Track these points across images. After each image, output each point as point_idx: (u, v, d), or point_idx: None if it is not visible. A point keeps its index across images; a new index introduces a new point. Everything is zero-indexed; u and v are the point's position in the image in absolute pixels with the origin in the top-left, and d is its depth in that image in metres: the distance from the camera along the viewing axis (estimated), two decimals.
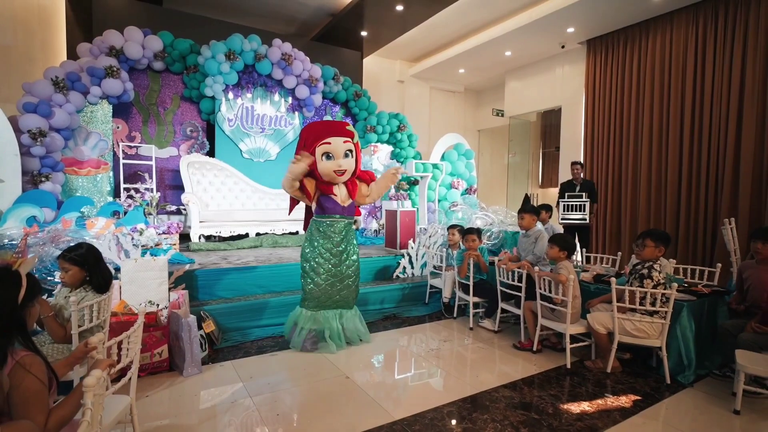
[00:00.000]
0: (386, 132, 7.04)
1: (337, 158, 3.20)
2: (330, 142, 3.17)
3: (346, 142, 3.23)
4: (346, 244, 3.37)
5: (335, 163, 3.19)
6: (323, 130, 3.23)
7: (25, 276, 1.39)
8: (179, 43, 5.70)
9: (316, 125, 3.32)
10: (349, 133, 3.28)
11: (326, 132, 3.21)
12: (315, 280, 3.29)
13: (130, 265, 3.22)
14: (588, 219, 5.39)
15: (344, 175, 3.26)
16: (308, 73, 6.27)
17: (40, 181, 4.46)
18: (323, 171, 3.21)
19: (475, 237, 3.90)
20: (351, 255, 3.41)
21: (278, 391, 2.61)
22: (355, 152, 3.33)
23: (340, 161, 3.21)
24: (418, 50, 8.82)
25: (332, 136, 3.18)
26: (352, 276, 3.43)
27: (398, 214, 5.10)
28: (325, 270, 3.29)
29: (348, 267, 3.39)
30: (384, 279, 4.77)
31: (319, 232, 3.31)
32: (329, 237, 3.30)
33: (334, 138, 3.18)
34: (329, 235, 3.30)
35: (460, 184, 7.03)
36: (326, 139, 3.17)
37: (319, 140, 3.17)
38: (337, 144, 3.18)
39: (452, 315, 4.18)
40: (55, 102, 4.56)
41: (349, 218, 3.39)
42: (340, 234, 3.33)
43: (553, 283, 3.02)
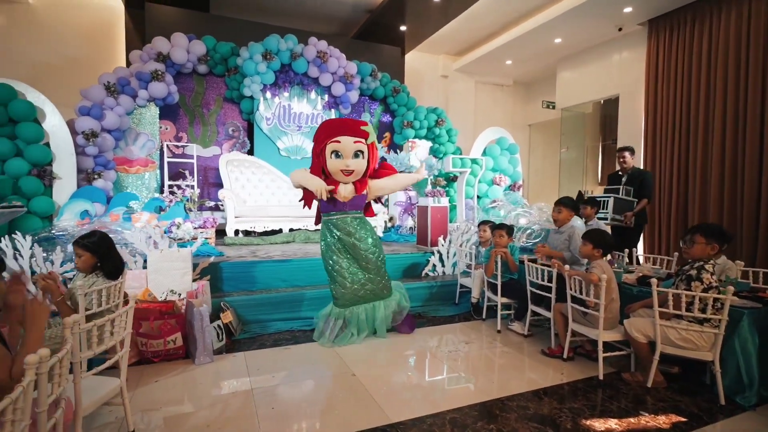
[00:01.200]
0: (423, 127, 6.85)
1: (345, 158, 3.15)
2: (340, 141, 3.12)
3: (357, 142, 3.17)
4: (358, 237, 3.29)
5: (343, 163, 3.14)
6: (336, 128, 3.19)
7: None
8: (221, 47, 5.95)
9: (331, 123, 3.27)
10: (362, 134, 3.21)
11: (338, 130, 3.16)
12: (337, 279, 3.27)
13: (156, 255, 3.36)
14: (614, 218, 4.40)
15: (352, 175, 3.21)
16: (344, 70, 6.27)
17: (93, 178, 4.83)
18: (331, 169, 3.19)
19: (503, 233, 3.62)
20: (366, 246, 3.33)
21: (280, 384, 2.56)
22: (367, 153, 3.25)
23: (348, 161, 3.16)
24: (462, 43, 8.53)
25: (343, 135, 3.14)
26: (373, 266, 3.35)
27: (429, 210, 4.92)
28: (346, 266, 3.26)
29: (366, 258, 3.32)
30: (412, 277, 4.61)
31: (329, 229, 3.29)
32: (338, 234, 3.27)
33: (345, 137, 3.14)
34: (336, 231, 3.27)
35: (503, 180, 6.66)
36: (337, 137, 3.12)
37: (330, 138, 3.14)
38: (346, 143, 3.13)
39: (481, 316, 3.93)
40: (106, 105, 4.93)
41: (356, 212, 3.32)
42: (348, 229, 3.27)
43: (585, 283, 2.70)
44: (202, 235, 4.77)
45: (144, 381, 2.58)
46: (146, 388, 2.49)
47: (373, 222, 5.94)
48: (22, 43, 6.34)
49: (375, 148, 3.34)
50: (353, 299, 3.28)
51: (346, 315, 3.27)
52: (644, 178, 4.66)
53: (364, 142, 3.20)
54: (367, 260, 3.32)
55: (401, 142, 7.03)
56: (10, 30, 6.35)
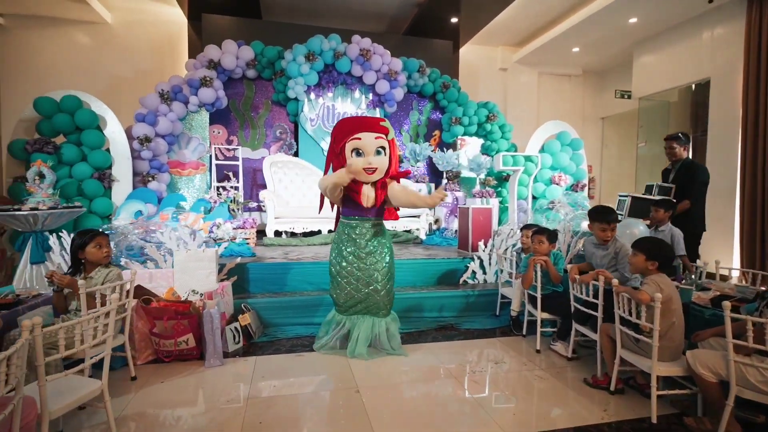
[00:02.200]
0: (473, 123, 6.41)
1: (367, 155, 2.92)
2: (360, 138, 2.90)
3: (378, 138, 2.94)
4: (374, 247, 3.06)
5: (365, 160, 2.90)
6: (354, 125, 2.97)
7: None
8: (268, 51, 6.07)
9: (348, 121, 3.06)
10: (382, 129, 2.98)
11: (357, 127, 2.94)
12: (340, 283, 3.08)
13: (182, 255, 3.42)
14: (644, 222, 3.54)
15: (375, 173, 2.95)
16: (388, 67, 6.08)
17: (148, 180, 5.15)
18: (354, 166, 2.94)
19: (543, 239, 3.16)
20: (380, 259, 3.08)
21: (278, 395, 2.42)
22: (389, 150, 3.01)
23: (371, 158, 2.92)
24: (521, 32, 7.90)
25: (363, 132, 2.91)
26: (380, 281, 3.07)
27: (470, 212, 4.53)
28: (348, 273, 3.05)
29: (376, 271, 3.06)
30: (449, 284, 4.26)
31: (345, 233, 3.08)
32: (354, 239, 3.04)
33: (365, 133, 2.91)
34: (354, 237, 3.05)
35: (563, 179, 6.01)
36: (357, 134, 2.90)
37: (349, 136, 2.92)
38: (367, 140, 2.90)
39: (521, 332, 3.48)
40: (160, 112, 5.24)
41: (375, 219, 3.09)
42: (366, 236, 3.04)
43: (636, 303, 2.21)
44: (242, 235, 4.86)
45: (151, 381, 2.59)
46: (150, 388, 2.49)
47: (416, 224, 5.66)
48: (102, 59, 7.02)
49: (395, 145, 3.09)
50: (352, 305, 3.08)
51: (346, 322, 3.09)
52: (694, 172, 3.79)
53: (385, 138, 2.98)
54: (376, 270, 3.07)
55: (450, 140, 6.66)
56: (93, 47, 7.07)
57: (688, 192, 3.77)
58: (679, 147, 3.91)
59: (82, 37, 7.06)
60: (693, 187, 3.77)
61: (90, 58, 7.03)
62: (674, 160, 3.97)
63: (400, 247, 5.06)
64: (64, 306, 2.41)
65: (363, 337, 3.01)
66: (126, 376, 2.60)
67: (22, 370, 1.52)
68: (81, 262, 2.46)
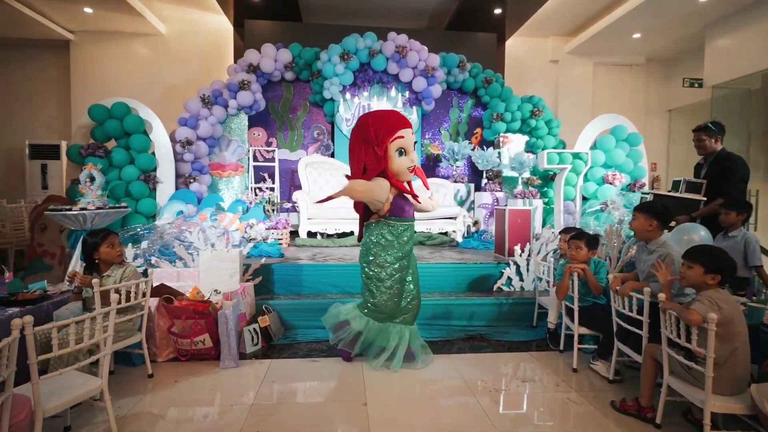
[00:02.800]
0: (517, 119, 6.02)
1: (409, 153, 2.77)
2: (404, 136, 2.72)
3: (413, 133, 2.85)
4: (411, 251, 2.98)
5: (409, 159, 2.77)
6: (395, 121, 2.76)
7: None
8: (305, 52, 6.11)
9: (385, 115, 2.82)
10: (409, 124, 2.85)
11: (398, 123, 2.74)
12: (381, 289, 2.83)
13: (207, 255, 3.47)
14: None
15: (414, 171, 2.85)
16: (425, 64, 5.87)
17: (189, 182, 5.36)
18: (398, 169, 2.75)
19: (581, 244, 2.82)
20: (414, 263, 3.01)
21: (283, 403, 2.33)
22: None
23: (413, 156, 2.80)
24: (574, 20, 7.33)
25: (404, 128, 2.74)
26: (414, 286, 2.98)
27: (506, 214, 4.21)
28: (394, 281, 2.85)
29: (412, 275, 2.98)
30: (481, 291, 3.98)
31: (393, 236, 2.83)
32: (400, 243, 2.84)
33: (406, 130, 2.74)
34: (401, 241, 2.85)
35: (618, 177, 5.45)
36: (400, 131, 2.71)
37: (392, 133, 2.70)
38: (408, 137, 2.76)
39: (558, 347, 3.15)
40: (201, 116, 5.43)
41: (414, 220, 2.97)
42: (410, 241, 2.91)
43: (684, 323, 1.86)
44: (274, 235, 4.90)
45: (166, 380, 2.62)
46: (162, 387, 2.51)
47: (452, 226, 5.41)
48: (157, 68, 7.48)
49: None
50: (391, 313, 2.89)
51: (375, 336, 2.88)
52: (728, 165, 3.23)
53: (413, 131, 2.88)
54: (412, 274, 2.99)
55: (491, 137, 6.32)
56: (149, 58, 7.55)
57: (723, 188, 3.21)
58: (708, 139, 3.37)
59: (140, 48, 7.56)
60: (728, 182, 3.22)
61: (147, 68, 7.51)
62: (706, 154, 3.44)
63: (432, 250, 4.85)
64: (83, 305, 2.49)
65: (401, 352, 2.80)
66: (144, 373, 2.64)
67: (11, 368, 1.54)
68: (95, 261, 2.53)
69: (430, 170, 6.63)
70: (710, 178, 3.33)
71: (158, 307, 2.91)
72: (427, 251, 4.74)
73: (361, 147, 2.79)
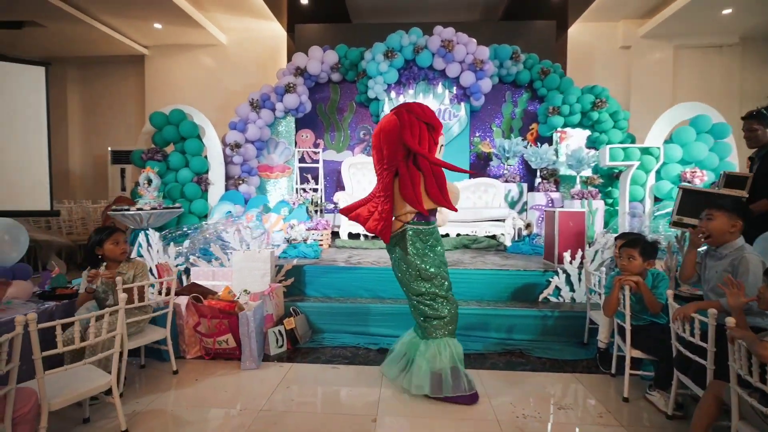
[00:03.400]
0: (576, 112, 5.47)
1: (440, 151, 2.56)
2: (443, 133, 2.57)
3: None
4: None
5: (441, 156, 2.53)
6: (430, 115, 2.44)
7: None
8: (351, 53, 6.08)
9: (418, 110, 2.41)
10: None
11: (434, 116, 2.46)
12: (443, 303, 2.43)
13: (239, 255, 3.52)
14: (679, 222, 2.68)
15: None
16: (473, 57, 5.56)
17: (238, 183, 5.56)
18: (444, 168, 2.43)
19: (634, 253, 2.41)
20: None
21: (290, 411, 2.25)
22: None
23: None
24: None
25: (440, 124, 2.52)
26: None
27: (556, 216, 3.81)
28: (446, 289, 2.48)
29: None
30: (525, 301, 3.63)
31: (424, 242, 2.46)
32: (433, 248, 2.50)
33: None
34: (434, 245, 2.50)
35: (698, 175, 4.72)
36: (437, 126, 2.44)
37: (439, 129, 2.46)
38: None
39: (609, 370, 2.74)
40: (250, 119, 5.62)
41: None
42: (439, 243, 2.57)
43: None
44: (313, 236, 4.91)
45: (187, 377, 2.66)
46: (182, 386, 2.56)
47: (499, 229, 5.05)
48: (219, 76, 7.94)
49: None
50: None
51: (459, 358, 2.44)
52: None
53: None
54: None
55: (547, 133, 5.81)
56: (212, 66, 8.03)
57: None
58: (762, 128, 2.74)
59: (204, 58, 8.07)
60: None
61: (210, 76, 8.00)
62: (758, 146, 2.80)
63: (475, 254, 4.54)
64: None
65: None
66: (170, 369, 2.72)
67: (15, 363, 1.61)
68: (98, 258, 2.52)
69: (480, 170, 6.29)
70: (761, 174, 2.71)
71: (187, 305, 2.99)
72: (469, 255, 4.46)
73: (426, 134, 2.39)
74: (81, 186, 8.77)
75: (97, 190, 8.56)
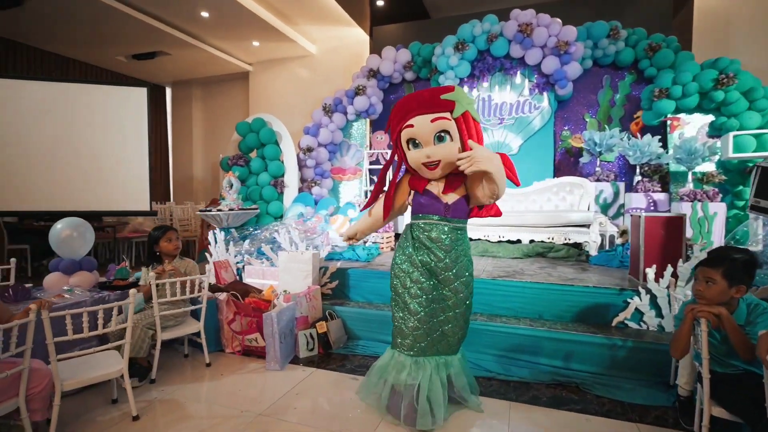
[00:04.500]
0: (692, 93, 4.39)
1: (425, 145, 2.16)
2: (413, 125, 2.15)
3: (438, 119, 2.11)
4: (453, 259, 2.25)
5: (422, 153, 2.16)
6: (405, 106, 2.22)
7: None
8: (423, 50, 5.87)
9: (402, 101, 2.29)
10: (442, 105, 2.12)
11: (409, 108, 2.19)
12: (410, 305, 2.26)
13: (285, 256, 3.61)
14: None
15: (438, 167, 2.17)
16: (556, 39, 4.88)
17: (312, 186, 5.78)
18: (412, 162, 2.24)
19: (714, 274, 1.77)
20: (459, 274, 2.27)
21: (285, 421, 2.18)
22: (458, 131, 2.14)
23: (429, 150, 2.14)
24: None
25: (416, 115, 2.14)
26: (460, 305, 2.29)
27: (642, 222, 3.08)
28: (423, 291, 2.25)
29: (455, 292, 2.27)
30: (592, 324, 3.01)
31: (414, 238, 2.31)
32: (426, 246, 2.25)
33: (419, 117, 2.13)
34: (426, 243, 2.25)
35: None
36: (409, 119, 2.16)
37: (402, 121, 2.20)
38: (421, 125, 2.13)
39: (691, 425, 2.09)
40: (323, 123, 5.79)
41: (456, 221, 2.24)
42: (441, 243, 2.23)
43: None
44: (374, 238, 4.83)
45: (216, 372, 2.79)
46: (207, 379, 2.69)
47: (582, 236, 4.32)
48: (310, 85, 8.40)
49: (471, 121, 2.18)
50: (423, 340, 2.24)
51: (409, 377, 2.20)
52: None
53: (449, 116, 2.13)
54: (455, 290, 2.32)
55: (653, 121, 4.80)
56: (305, 76, 8.55)
57: None
58: None
59: (298, 69, 8.64)
60: None
61: (303, 85, 8.53)
62: None
63: (546, 264, 3.95)
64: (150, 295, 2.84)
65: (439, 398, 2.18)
66: (205, 361, 2.89)
67: (28, 345, 1.83)
68: (157, 254, 2.84)
69: (571, 167, 5.51)
70: None
71: (227, 302, 3.15)
72: (538, 265, 3.89)
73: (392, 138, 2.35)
74: (202, 189, 10.15)
75: (214, 193, 9.81)
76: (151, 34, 7.08)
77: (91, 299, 2.65)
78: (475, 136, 2.19)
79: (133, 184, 4.60)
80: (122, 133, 4.55)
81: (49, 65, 7.98)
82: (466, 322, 2.35)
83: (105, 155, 4.55)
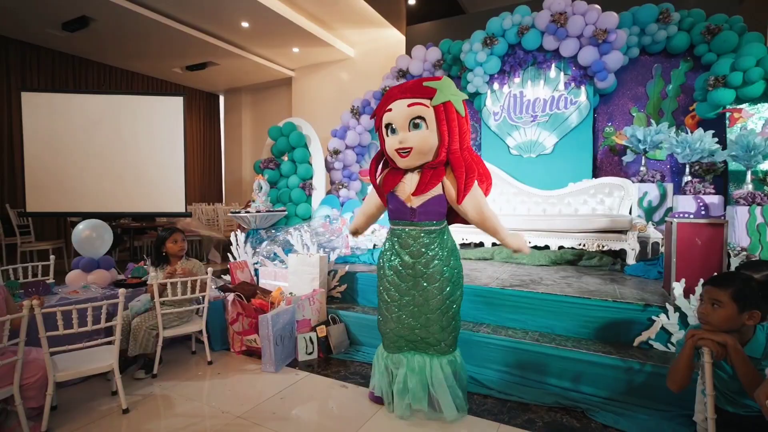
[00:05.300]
0: (755, 80, 3.79)
1: (399, 130, 2.11)
2: (391, 109, 2.12)
3: (414, 104, 2.05)
4: (423, 264, 2.17)
5: (396, 139, 2.11)
6: (390, 92, 2.20)
7: None
8: (454, 47, 5.67)
9: (392, 88, 2.25)
10: (423, 92, 2.07)
11: (393, 94, 2.16)
12: (385, 307, 2.32)
13: (294, 258, 3.65)
14: None
15: (410, 156, 2.09)
16: (593, 28, 4.47)
17: (339, 188, 5.81)
18: (388, 149, 2.18)
19: (721, 295, 1.49)
20: (432, 279, 2.18)
21: (259, 426, 2.18)
22: (435, 121, 2.06)
23: (402, 135, 2.09)
24: None
25: (396, 100, 2.11)
26: (434, 309, 2.20)
27: (674, 229, 2.71)
28: (390, 296, 2.29)
29: (426, 296, 2.19)
30: (612, 344, 2.69)
31: (390, 241, 2.33)
32: (396, 251, 2.26)
33: (397, 101, 2.10)
34: (396, 248, 2.26)
35: None
36: (389, 104, 2.14)
37: (383, 108, 2.19)
38: (399, 110, 2.08)
39: None
40: (350, 126, 5.80)
41: (425, 224, 2.17)
42: (409, 248, 2.19)
43: None
44: None
45: (215, 370, 2.88)
46: (203, 378, 2.77)
47: (618, 243, 3.92)
48: (349, 87, 8.51)
49: (454, 113, 2.08)
50: (396, 340, 2.29)
51: (390, 364, 2.31)
52: None
53: (427, 104, 2.05)
54: (426, 295, 2.19)
55: (709, 114, 4.22)
56: (345, 79, 8.67)
57: None
58: None
59: (338, 72, 8.78)
60: None
61: (342, 88, 8.66)
62: None
63: (571, 273, 3.61)
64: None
65: (416, 387, 2.22)
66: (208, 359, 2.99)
67: (22, 339, 1.99)
68: (163, 254, 2.96)
69: (615, 167, 5.03)
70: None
71: (232, 302, 3.24)
72: (561, 274, 3.58)
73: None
74: (249, 191, 10.65)
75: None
76: (200, 46, 7.56)
77: (102, 296, 2.85)
78: (456, 129, 2.09)
79: (169, 187, 4.92)
80: (161, 139, 4.89)
81: (117, 79, 8.83)
82: (446, 327, 2.24)
83: (145, 160, 4.92)
